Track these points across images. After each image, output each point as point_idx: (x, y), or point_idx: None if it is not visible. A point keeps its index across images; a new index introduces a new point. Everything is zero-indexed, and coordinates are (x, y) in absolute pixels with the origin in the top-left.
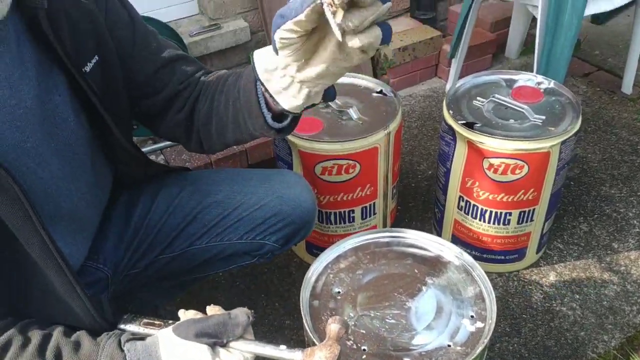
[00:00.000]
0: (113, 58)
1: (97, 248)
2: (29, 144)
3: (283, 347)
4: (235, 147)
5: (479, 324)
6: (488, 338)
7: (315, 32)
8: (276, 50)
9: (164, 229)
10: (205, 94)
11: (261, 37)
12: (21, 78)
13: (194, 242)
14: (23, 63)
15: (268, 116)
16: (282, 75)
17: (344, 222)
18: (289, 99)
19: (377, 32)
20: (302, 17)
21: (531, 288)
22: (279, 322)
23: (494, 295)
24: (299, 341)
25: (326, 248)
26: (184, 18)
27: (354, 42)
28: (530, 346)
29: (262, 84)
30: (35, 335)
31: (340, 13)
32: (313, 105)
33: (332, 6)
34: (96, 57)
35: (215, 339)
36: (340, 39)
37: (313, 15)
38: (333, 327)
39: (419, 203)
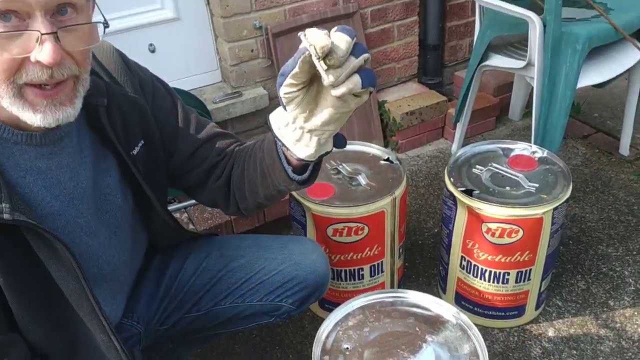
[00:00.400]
0: (157, 142)
1: (131, 307)
2: (82, 219)
3: None
4: None
5: None
6: None
7: (314, 85)
8: (284, 107)
9: (192, 289)
10: (238, 160)
11: (278, 103)
12: (80, 164)
13: (218, 302)
14: (82, 151)
15: (289, 169)
16: (294, 129)
17: (354, 279)
18: (303, 149)
19: (355, 79)
20: (296, 69)
21: (530, 343)
22: None
23: (486, 353)
24: None
25: (337, 303)
26: (207, 86)
27: (336, 92)
28: None
29: (279, 139)
30: None
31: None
32: (327, 153)
33: (316, 55)
34: (142, 141)
35: None
36: (327, 79)
37: (305, 65)
38: None
39: (426, 260)
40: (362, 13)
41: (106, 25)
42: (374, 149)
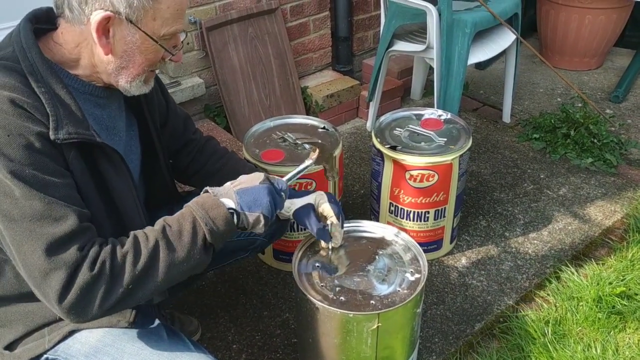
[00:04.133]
0: (155, 112)
1: None
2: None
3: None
4: None
5: (417, 275)
6: (424, 282)
7: None
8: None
9: None
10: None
11: (214, 90)
12: (120, 118)
13: None
14: (120, 108)
15: None
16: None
17: (304, 230)
18: None
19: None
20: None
21: (449, 269)
22: (258, 314)
23: (424, 256)
24: (278, 326)
25: (289, 252)
26: None
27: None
28: (453, 310)
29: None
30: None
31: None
32: None
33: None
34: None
35: None
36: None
37: None
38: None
39: (357, 215)
40: (282, 9)
41: None
42: (312, 121)
